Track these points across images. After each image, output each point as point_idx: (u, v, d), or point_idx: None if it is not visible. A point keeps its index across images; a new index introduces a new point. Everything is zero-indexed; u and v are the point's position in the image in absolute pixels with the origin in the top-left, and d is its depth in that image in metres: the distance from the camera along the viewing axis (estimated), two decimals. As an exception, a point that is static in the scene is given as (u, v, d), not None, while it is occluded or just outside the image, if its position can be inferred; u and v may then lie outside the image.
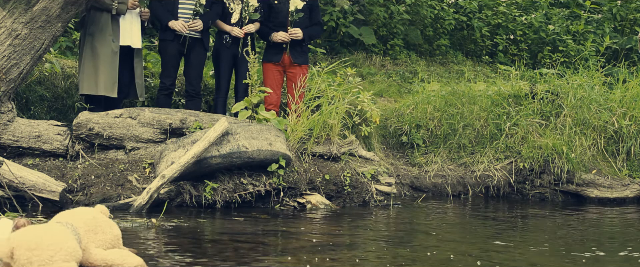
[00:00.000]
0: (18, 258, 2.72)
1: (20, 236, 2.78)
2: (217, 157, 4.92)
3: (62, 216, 3.13)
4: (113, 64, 5.55)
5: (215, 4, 6.10)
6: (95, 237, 3.09)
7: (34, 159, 5.06)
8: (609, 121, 6.98)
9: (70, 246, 2.82)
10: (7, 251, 2.74)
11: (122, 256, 3.01)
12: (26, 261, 2.70)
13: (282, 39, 6.24)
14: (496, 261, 3.71)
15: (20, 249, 2.74)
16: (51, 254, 2.73)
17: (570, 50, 11.59)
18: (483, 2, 12.30)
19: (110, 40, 5.55)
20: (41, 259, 2.71)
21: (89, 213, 3.16)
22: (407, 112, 7.32)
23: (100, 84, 5.51)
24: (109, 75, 5.53)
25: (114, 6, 5.50)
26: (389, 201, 5.82)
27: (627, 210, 6.30)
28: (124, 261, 2.98)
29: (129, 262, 2.99)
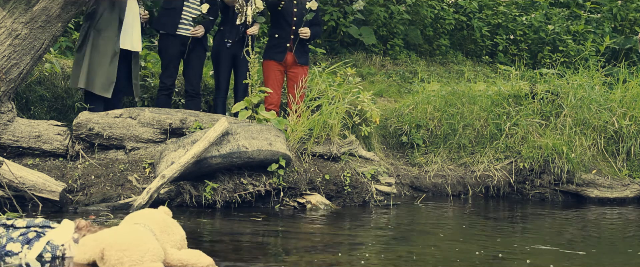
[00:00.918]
0: (108, 258, 2.81)
1: (110, 237, 2.87)
2: (217, 157, 4.92)
3: (135, 217, 3.20)
4: (113, 64, 5.55)
5: (213, 7, 6.11)
6: (168, 238, 3.18)
7: (34, 159, 5.06)
8: (609, 121, 6.98)
9: (156, 246, 2.92)
10: (98, 252, 2.83)
11: (196, 256, 3.07)
12: (117, 261, 2.79)
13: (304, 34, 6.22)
14: (496, 261, 3.71)
15: (111, 249, 2.82)
16: (141, 255, 2.83)
17: (570, 50, 11.59)
18: (483, 2, 12.30)
19: (115, 41, 5.55)
20: (132, 260, 2.80)
21: (158, 214, 3.26)
22: (407, 112, 7.32)
23: (97, 82, 5.51)
24: (108, 75, 5.53)
25: None
26: (389, 201, 5.82)
27: (627, 210, 6.30)
28: (198, 261, 3.05)
29: (202, 262, 3.06)
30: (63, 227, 3.31)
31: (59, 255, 3.24)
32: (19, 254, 3.25)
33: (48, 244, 3.25)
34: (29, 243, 3.27)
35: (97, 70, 5.51)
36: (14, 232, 3.32)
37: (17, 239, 3.29)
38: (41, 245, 3.24)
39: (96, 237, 2.93)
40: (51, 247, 3.24)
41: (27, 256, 3.23)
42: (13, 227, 3.38)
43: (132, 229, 2.98)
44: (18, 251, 3.25)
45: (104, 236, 2.92)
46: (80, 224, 3.28)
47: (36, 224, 3.39)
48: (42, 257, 3.23)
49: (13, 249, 3.25)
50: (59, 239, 3.26)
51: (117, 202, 4.87)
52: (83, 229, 3.25)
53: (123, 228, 2.99)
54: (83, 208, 4.79)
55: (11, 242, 3.28)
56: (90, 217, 4.49)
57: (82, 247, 3.08)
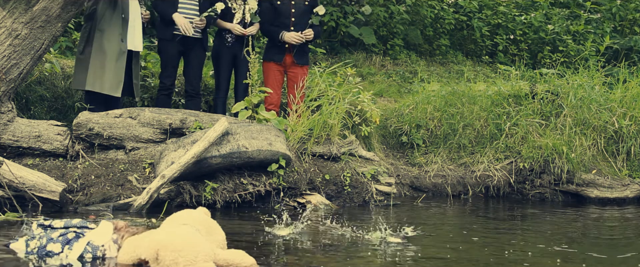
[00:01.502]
0: (163, 259, 2.85)
1: (164, 238, 2.91)
2: (217, 157, 4.92)
3: (179, 218, 3.23)
4: (120, 64, 5.55)
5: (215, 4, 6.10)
6: (212, 238, 3.23)
7: (34, 159, 5.06)
8: (609, 121, 6.98)
9: (207, 247, 2.97)
10: (153, 253, 2.88)
11: (240, 256, 3.11)
12: (172, 261, 2.84)
13: (296, 40, 6.21)
14: (496, 261, 3.71)
15: (166, 250, 2.87)
16: (195, 255, 2.88)
17: (570, 50, 11.59)
18: (483, 2, 12.30)
19: (120, 40, 5.55)
20: (187, 260, 2.85)
21: (201, 215, 3.29)
22: (407, 112, 7.32)
23: (106, 83, 5.50)
24: (116, 75, 5.53)
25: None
26: (389, 201, 5.81)
27: (627, 210, 6.30)
28: (242, 260, 3.08)
29: (246, 261, 3.09)
30: (102, 228, 3.34)
31: (100, 255, 3.27)
32: (59, 254, 3.28)
33: (88, 244, 3.28)
34: (69, 243, 3.30)
35: (104, 70, 5.50)
36: (53, 233, 3.35)
37: (56, 239, 3.32)
38: (82, 245, 3.27)
39: (153, 239, 2.95)
40: (92, 248, 3.27)
41: (68, 256, 3.26)
42: (51, 228, 3.42)
43: (184, 231, 3.02)
44: (58, 251, 3.29)
45: (159, 237, 2.94)
46: (119, 225, 3.34)
47: (74, 224, 3.42)
48: (83, 258, 3.26)
49: (53, 250, 3.29)
50: (98, 239, 3.29)
51: (117, 202, 4.87)
52: (121, 230, 3.31)
53: (176, 229, 3.02)
54: (83, 208, 4.79)
55: (51, 243, 3.31)
56: (90, 217, 4.49)
57: (128, 248, 3.13)
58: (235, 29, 6.11)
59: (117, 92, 5.54)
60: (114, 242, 3.29)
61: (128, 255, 3.12)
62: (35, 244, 3.34)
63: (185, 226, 3.11)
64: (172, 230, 3.04)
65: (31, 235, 3.40)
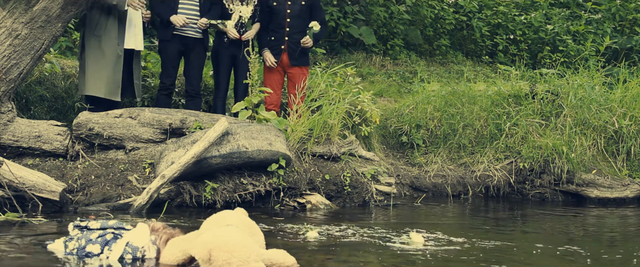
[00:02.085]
0: (216, 259, 2.89)
1: (217, 238, 2.95)
2: (217, 157, 4.92)
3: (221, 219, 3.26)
4: (118, 67, 5.56)
5: (215, 5, 6.11)
6: (254, 238, 3.25)
7: (34, 159, 5.06)
8: (609, 121, 6.98)
9: (256, 247, 3.01)
10: (206, 253, 2.91)
11: (282, 255, 3.13)
12: (224, 261, 2.88)
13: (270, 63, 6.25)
14: (496, 261, 3.71)
15: (219, 251, 2.90)
16: (247, 255, 2.92)
17: (570, 50, 11.59)
18: (483, 2, 12.31)
19: (116, 43, 5.56)
20: (239, 260, 2.89)
21: (242, 216, 3.32)
22: (407, 112, 7.32)
23: (104, 87, 5.53)
24: (114, 78, 5.54)
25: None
26: (389, 201, 5.81)
27: (627, 210, 6.30)
28: (285, 260, 3.11)
29: (288, 261, 3.12)
30: (139, 229, 3.37)
31: (139, 256, 3.29)
32: (99, 255, 3.30)
33: (128, 245, 3.30)
34: (108, 244, 3.33)
35: (103, 75, 5.52)
36: (91, 234, 3.38)
37: (95, 240, 3.35)
38: (121, 247, 3.29)
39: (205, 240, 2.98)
40: (131, 249, 3.29)
41: (109, 257, 3.28)
42: (87, 229, 3.44)
43: (235, 232, 3.06)
44: (98, 252, 3.31)
45: (211, 238, 2.98)
46: (156, 226, 3.37)
47: (110, 225, 3.45)
48: (123, 259, 3.28)
49: (93, 251, 3.31)
50: (137, 240, 3.31)
51: (117, 202, 4.86)
52: (158, 231, 3.34)
53: (226, 230, 3.06)
54: (83, 208, 4.79)
55: (90, 244, 3.33)
56: (91, 217, 4.49)
57: (173, 248, 3.16)
58: (230, 32, 6.12)
59: (116, 96, 5.56)
60: (153, 243, 3.32)
61: (173, 256, 3.15)
62: (74, 245, 3.37)
63: (231, 226, 3.14)
64: (224, 231, 3.07)
65: (69, 236, 3.43)
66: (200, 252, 2.93)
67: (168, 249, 3.20)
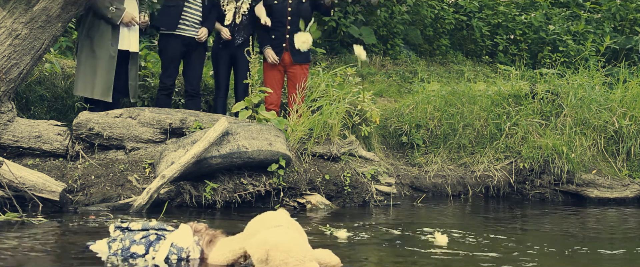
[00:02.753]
0: (273, 259, 2.93)
1: (273, 239, 2.99)
2: (217, 157, 4.92)
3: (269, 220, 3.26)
4: (110, 68, 5.56)
5: (214, 7, 6.11)
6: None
7: (34, 159, 5.06)
8: (609, 121, 6.98)
9: (309, 247, 3.05)
10: (263, 253, 2.95)
11: (328, 255, 3.17)
12: (281, 261, 2.92)
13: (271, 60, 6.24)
14: (496, 261, 3.71)
15: (277, 251, 2.94)
16: (303, 255, 2.97)
17: (570, 50, 11.59)
18: (483, 2, 12.31)
19: (109, 45, 5.56)
20: (296, 260, 2.94)
21: (287, 216, 3.33)
22: (407, 112, 7.32)
23: (96, 88, 5.54)
24: (105, 80, 5.55)
25: (110, 12, 5.50)
26: (389, 201, 5.81)
27: (627, 210, 6.30)
28: (331, 259, 3.14)
29: (333, 260, 3.15)
30: (182, 230, 3.40)
31: (184, 257, 3.31)
32: (144, 256, 3.33)
33: (172, 246, 3.32)
34: (152, 245, 3.35)
35: (95, 76, 5.54)
36: (135, 235, 3.40)
37: (139, 241, 3.37)
38: (166, 247, 3.32)
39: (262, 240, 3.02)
40: (177, 250, 3.31)
41: (155, 258, 3.31)
42: (128, 230, 3.47)
43: (289, 232, 3.10)
44: (142, 252, 3.33)
45: (268, 238, 3.01)
46: (198, 227, 3.40)
47: (152, 226, 3.48)
48: (168, 259, 3.30)
49: (137, 251, 3.34)
50: (182, 241, 3.34)
51: (117, 202, 4.87)
52: (201, 232, 3.38)
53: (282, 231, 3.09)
54: (83, 208, 4.79)
55: (134, 245, 3.36)
56: (91, 217, 4.49)
57: (223, 248, 3.20)
58: (223, 32, 6.13)
59: (107, 97, 5.56)
60: (196, 244, 3.35)
61: (223, 256, 3.19)
62: (118, 245, 3.39)
63: (282, 227, 3.17)
64: (280, 231, 3.10)
65: (111, 237, 3.45)
66: (258, 252, 2.97)
67: (218, 249, 3.24)
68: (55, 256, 3.42)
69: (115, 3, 5.52)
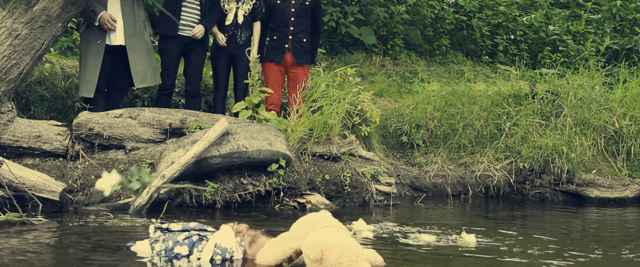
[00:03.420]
0: (327, 258, 2.98)
1: (327, 239, 3.04)
2: (217, 157, 4.92)
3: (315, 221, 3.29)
4: (95, 65, 5.57)
5: (215, 6, 6.10)
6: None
7: (34, 159, 5.06)
8: (609, 121, 6.98)
9: (361, 247, 3.09)
10: (318, 253, 2.99)
11: (374, 254, 3.19)
12: (335, 261, 2.98)
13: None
14: (496, 261, 3.71)
15: (331, 251, 2.99)
16: (356, 255, 3.02)
17: (571, 51, 11.59)
18: (483, 2, 12.30)
19: (94, 41, 5.58)
20: (350, 260, 2.99)
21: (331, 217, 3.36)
22: (407, 112, 7.32)
23: (81, 85, 5.61)
24: (89, 76, 5.56)
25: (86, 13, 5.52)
26: (389, 201, 5.82)
27: (627, 210, 6.30)
28: (376, 259, 3.17)
29: (378, 260, 3.18)
30: (224, 231, 3.43)
31: (228, 257, 3.34)
32: (188, 256, 3.35)
33: (216, 247, 3.35)
34: (194, 246, 3.38)
35: (82, 73, 5.59)
36: (178, 236, 3.43)
37: (182, 242, 3.39)
38: (211, 248, 3.34)
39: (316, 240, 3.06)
40: (221, 250, 3.34)
41: (201, 258, 3.33)
42: (169, 231, 3.49)
43: (342, 233, 3.15)
44: (186, 253, 3.35)
45: (322, 239, 3.06)
46: (239, 228, 3.43)
47: (192, 227, 3.50)
48: (213, 260, 3.32)
49: (181, 252, 3.36)
50: (225, 242, 3.37)
51: (117, 202, 4.87)
52: (243, 232, 3.41)
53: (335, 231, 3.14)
54: (83, 208, 4.79)
55: (178, 245, 3.38)
56: (91, 217, 4.49)
57: (271, 248, 3.24)
58: (218, 37, 6.14)
59: (89, 93, 5.56)
60: (239, 245, 3.38)
61: (273, 256, 3.23)
62: (161, 246, 3.41)
63: (330, 228, 3.20)
64: (332, 232, 3.14)
65: (152, 238, 3.47)
66: (313, 252, 3.01)
67: (267, 250, 3.27)
68: (55, 256, 3.42)
69: (96, 5, 5.52)
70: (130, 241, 3.57)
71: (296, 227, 3.33)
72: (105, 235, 3.91)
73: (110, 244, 3.66)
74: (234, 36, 6.18)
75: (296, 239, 3.20)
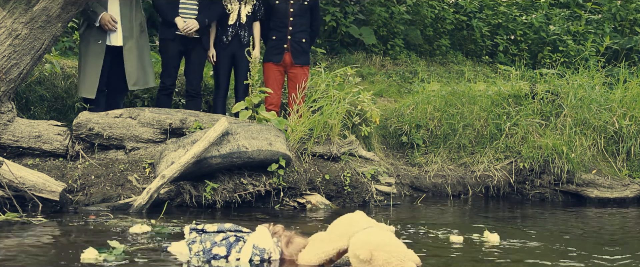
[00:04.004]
0: (376, 259, 3.04)
1: (377, 240, 3.09)
2: (217, 157, 4.92)
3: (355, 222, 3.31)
4: (95, 65, 5.57)
5: (214, 4, 6.09)
6: None
7: (34, 159, 5.06)
8: (609, 121, 6.97)
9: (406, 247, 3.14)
10: (367, 253, 3.04)
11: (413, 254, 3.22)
12: (384, 261, 3.04)
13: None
14: (496, 261, 3.71)
15: (381, 251, 3.05)
16: (404, 256, 3.07)
17: (571, 51, 11.59)
18: (483, 2, 12.30)
19: (95, 42, 5.58)
20: (398, 260, 3.05)
21: (367, 217, 3.38)
22: (407, 112, 7.31)
23: (81, 86, 5.61)
24: (90, 76, 5.56)
25: (86, 14, 5.52)
26: (389, 201, 5.82)
27: (627, 210, 6.30)
28: (416, 259, 3.20)
29: (418, 260, 3.21)
30: (261, 232, 3.46)
31: (266, 258, 3.36)
32: (227, 257, 3.38)
33: (254, 248, 3.37)
34: (232, 246, 3.41)
35: (83, 73, 5.59)
36: (215, 237, 3.46)
37: (220, 243, 3.42)
38: (249, 249, 3.37)
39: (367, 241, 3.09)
40: (259, 251, 3.36)
41: (240, 259, 3.36)
42: (204, 232, 3.52)
43: (386, 233, 3.19)
44: (224, 254, 3.39)
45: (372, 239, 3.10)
46: (275, 229, 3.47)
47: (228, 228, 3.53)
48: (251, 261, 3.35)
49: (219, 253, 3.39)
50: (262, 243, 3.39)
51: (117, 202, 4.87)
52: (279, 233, 3.45)
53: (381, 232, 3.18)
54: (83, 208, 4.79)
55: (216, 246, 3.41)
56: (91, 216, 4.49)
57: (314, 249, 3.28)
58: (209, 53, 6.14)
59: (91, 94, 5.56)
60: (276, 246, 3.40)
61: (316, 256, 3.26)
62: (198, 247, 3.43)
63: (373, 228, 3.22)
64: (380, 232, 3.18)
65: (191, 239, 3.49)
66: (363, 252, 3.05)
67: (310, 251, 3.31)
68: (55, 256, 3.42)
69: (96, 5, 5.53)
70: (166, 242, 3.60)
71: (335, 228, 3.36)
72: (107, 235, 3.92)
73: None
74: (238, 36, 6.17)
75: (339, 240, 3.23)
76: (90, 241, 3.74)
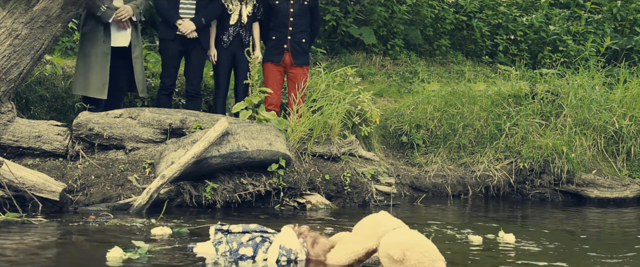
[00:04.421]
0: (408, 259, 3.08)
1: (409, 240, 3.14)
2: (217, 157, 4.92)
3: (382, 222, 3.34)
4: (104, 65, 5.56)
5: (211, 3, 6.08)
6: None
7: (34, 159, 5.06)
8: (609, 121, 6.98)
9: (436, 247, 3.18)
10: (400, 254, 3.08)
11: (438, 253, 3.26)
12: (417, 261, 3.09)
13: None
14: (496, 261, 3.71)
15: (413, 251, 3.09)
16: (435, 256, 3.12)
17: (571, 51, 11.59)
18: (483, 2, 12.30)
19: (102, 42, 5.57)
20: (430, 260, 3.11)
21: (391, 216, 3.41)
22: (407, 112, 7.32)
23: (90, 86, 5.56)
24: (100, 76, 5.55)
25: (100, 11, 5.51)
26: (389, 201, 5.82)
27: (627, 210, 6.30)
28: (440, 257, 3.23)
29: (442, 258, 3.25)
30: (287, 232, 3.49)
31: (293, 258, 3.39)
32: (254, 258, 3.40)
33: (281, 248, 3.40)
34: (258, 247, 3.43)
35: (89, 73, 5.56)
36: (241, 237, 3.48)
37: (247, 243, 3.45)
38: (276, 249, 3.39)
39: (399, 241, 3.13)
40: (286, 252, 3.38)
41: (267, 259, 3.38)
42: (229, 232, 3.54)
43: (419, 234, 3.22)
44: (251, 254, 3.41)
45: (404, 239, 3.13)
46: (301, 229, 3.50)
47: (253, 228, 3.55)
48: (278, 261, 3.37)
49: (246, 253, 3.41)
50: (289, 243, 3.42)
51: (117, 202, 4.87)
52: (304, 233, 3.48)
53: (413, 232, 3.21)
54: (83, 208, 4.79)
55: (242, 247, 3.43)
56: (91, 216, 4.49)
57: (344, 249, 3.32)
58: (210, 53, 6.14)
59: (102, 94, 5.56)
60: (302, 246, 3.43)
61: (346, 256, 3.30)
62: (225, 248, 3.45)
63: (402, 228, 3.25)
64: (411, 233, 3.20)
65: (217, 239, 3.51)
66: (396, 252, 3.09)
67: (339, 251, 3.34)
68: (55, 256, 3.42)
69: (106, 2, 5.52)
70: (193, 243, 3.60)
71: (362, 229, 3.38)
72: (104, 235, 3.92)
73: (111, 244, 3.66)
74: (239, 36, 6.17)
75: (368, 240, 3.26)
76: (90, 241, 3.74)
